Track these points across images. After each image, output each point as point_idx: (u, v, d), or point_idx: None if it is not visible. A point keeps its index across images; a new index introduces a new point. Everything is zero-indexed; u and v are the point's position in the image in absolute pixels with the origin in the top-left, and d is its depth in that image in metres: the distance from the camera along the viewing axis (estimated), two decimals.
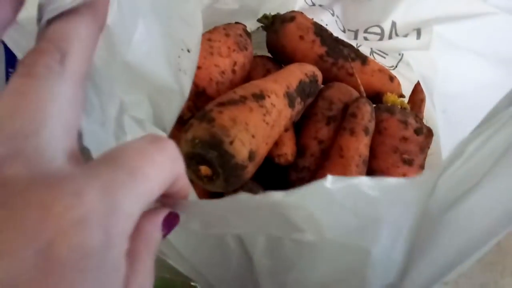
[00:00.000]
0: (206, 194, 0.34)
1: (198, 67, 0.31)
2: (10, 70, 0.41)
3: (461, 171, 0.17)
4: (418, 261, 0.21)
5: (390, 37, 0.37)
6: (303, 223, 0.19)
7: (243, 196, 0.16)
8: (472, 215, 0.18)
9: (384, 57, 0.41)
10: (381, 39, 0.38)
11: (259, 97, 0.30)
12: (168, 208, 0.16)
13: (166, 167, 0.13)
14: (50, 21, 0.15)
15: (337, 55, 0.40)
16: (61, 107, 0.12)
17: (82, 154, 0.15)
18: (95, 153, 0.18)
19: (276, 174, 0.36)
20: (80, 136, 0.18)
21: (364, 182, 0.17)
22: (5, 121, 0.11)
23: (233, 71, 0.35)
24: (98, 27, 0.16)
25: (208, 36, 0.35)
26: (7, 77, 0.40)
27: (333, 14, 0.41)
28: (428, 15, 0.35)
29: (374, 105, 0.39)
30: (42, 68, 0.13)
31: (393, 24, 0.36)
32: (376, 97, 0.41)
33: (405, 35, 0.36)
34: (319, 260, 0.22)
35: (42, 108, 0.12)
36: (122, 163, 0.12)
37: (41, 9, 0.15)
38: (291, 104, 0.34)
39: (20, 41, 0.36)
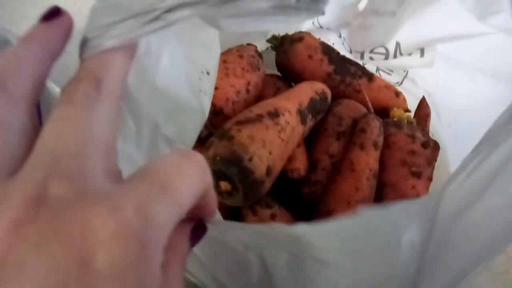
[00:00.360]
0: (222, 208, 0.35)
1: (215, 88, 0.33)
2: None
3: (466, 184, 0.18)
4: (429, 272, 0.22)
5: (395, 56, 0.39)
6: (327, 246, 0.20)
7: (277, 226, 0.17)
8: (478, 226, 0.20)
9: (390, 74, 0.43)
10: (386, 58, 0.40)
11: (274, 115, 0.32)
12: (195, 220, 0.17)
13: (197, 180, 0.14)
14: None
15: (344, 73, 0.42)
16: (99, 129, 0.14)
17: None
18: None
19: (289, 188, 0.38)
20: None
21: (391, 210, 0.18)
22: (50, 144, 0.13)
23: (247, 91, 0.37)
24: (130, 55, 0.17)
25: (223, 58, 0.36)
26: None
27: (340, 36, 0.43)
28: (430, 36, 0.37)
29: (382, 120, 0.40)
30: (81, 95, 0.14)
31: (398, 45, 0.38)
32: (383, 112, 0.43)
33: (409, 54, 0.38)
34: (339, 277, 0.23)
35: (82, 131, 0.13)
36: (155, 178, 0.13)
37: (83, 44, 0.17)
38: (303, 121, 0.36)
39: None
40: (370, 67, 0.43)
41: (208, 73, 0.30)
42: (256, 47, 0.43)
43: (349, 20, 0.43)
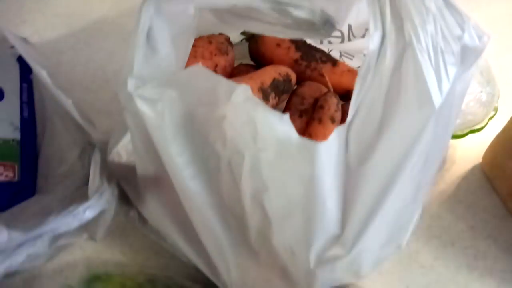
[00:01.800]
0: None
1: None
2: (24, 84, 0.47)
3: (362, 126, 0.22)
4: (351, 209, 0.25)
5: (349, 39, 0.43)
6: None
7: None
8: (382, 158, 0.23)
9: (351, 59, 0.47)
10: (342, 41, 0.44)
11: None
12: None
13: None
14: None
15: (310, 59, 0.46)
16: None
17: None
18: None
19: None
20: None
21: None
22: None
23: (215, 72, 0.40)
24: None
25: (194, 43, 0.40)
26: (21, 91, 0.46)
27: None
28: None
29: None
30: None
31: (350, 27, 0.42)
32: (346, 95, 0.46)
33: (362, 36, 0.41)
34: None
35: None
36: None
37: None
38: (266, 98, 0.39)
39: (36, 57, 0.42)
40: (334, 53, 0.47)
41: None
42: (228, 36, 0.46)
43: None
